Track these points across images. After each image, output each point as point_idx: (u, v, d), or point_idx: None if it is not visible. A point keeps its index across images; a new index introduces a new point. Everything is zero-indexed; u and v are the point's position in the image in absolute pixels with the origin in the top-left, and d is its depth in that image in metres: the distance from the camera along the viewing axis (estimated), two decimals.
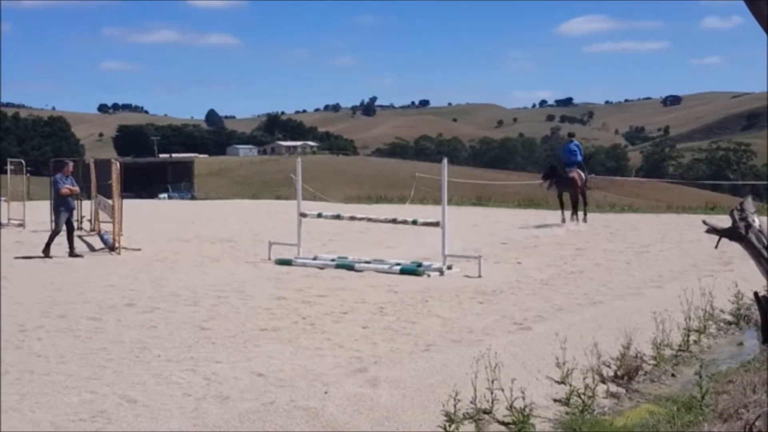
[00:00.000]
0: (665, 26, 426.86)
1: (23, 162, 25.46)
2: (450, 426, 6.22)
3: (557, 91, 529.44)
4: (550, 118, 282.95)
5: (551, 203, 27.13)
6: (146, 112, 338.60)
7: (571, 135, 22.39)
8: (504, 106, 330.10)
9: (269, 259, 14.83)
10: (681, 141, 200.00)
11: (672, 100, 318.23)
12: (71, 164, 17.25)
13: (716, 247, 5.07)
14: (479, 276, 12.66)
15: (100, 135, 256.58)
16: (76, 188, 16.99)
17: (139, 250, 16.42)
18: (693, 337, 9.72)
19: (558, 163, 21.86)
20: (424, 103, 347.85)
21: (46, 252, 15.46)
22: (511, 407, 6.72)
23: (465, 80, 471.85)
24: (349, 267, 13.65)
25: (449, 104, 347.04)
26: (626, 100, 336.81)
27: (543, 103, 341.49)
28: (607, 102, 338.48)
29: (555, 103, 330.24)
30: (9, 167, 24.99)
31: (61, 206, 16.14)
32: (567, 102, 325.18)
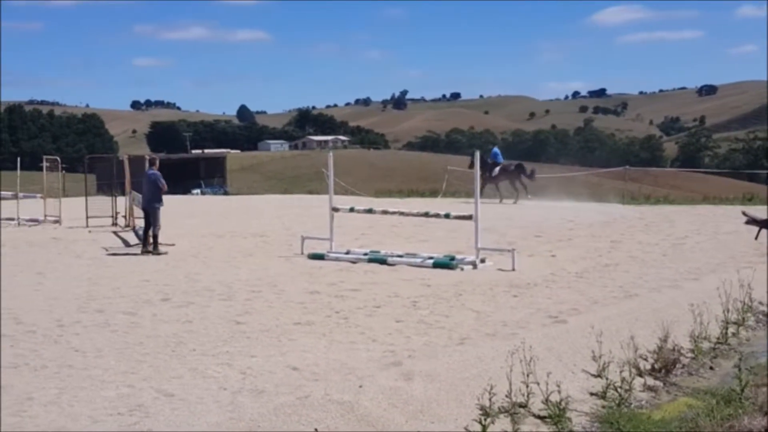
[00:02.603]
0: (700, 15, 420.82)
1: (59, 159, 25.80)
2: (485, 420, 6.20)
3: (590, 82, 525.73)
4: (583, 109, 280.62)
5: (586, 195, 26.89)
6: (178, 108, 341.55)
7: (493, 144, 29.21)
8: (536, 98, 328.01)
9: (302, 253, 14.90)
10: (717, 131, 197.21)
11: (707, 90, 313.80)
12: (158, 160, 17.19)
13: (756, 238, 5.01)
14: (513, 269, 12.61)
15: (134, 131, 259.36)
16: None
17: (173, 245, 16.58)
18: (731, 329, 9.60)
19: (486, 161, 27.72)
20: (456, 95, 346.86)
21: (155, 247, 15.56)
22: (546, 401, 6.69)
23: (497, 72, 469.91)
24: (382, 261, 13.67)
25: (481, 97, 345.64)
26: (661, 91, 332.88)
27: (576, 94, 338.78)
28: (641, 92, 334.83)
29: (588, 94, 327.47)
30: (45, 164, 25.29)
31: (159, 202, 16.07)
32: (600, 93, 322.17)
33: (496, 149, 30.85)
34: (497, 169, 28.70)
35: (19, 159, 27.93)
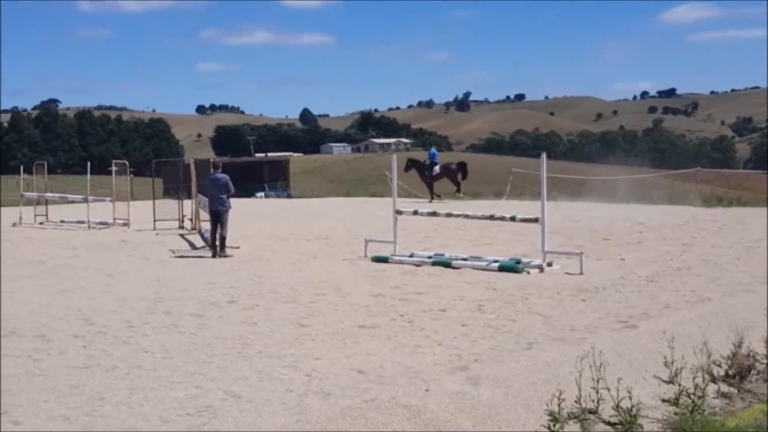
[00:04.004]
0: None
1: (127, 163, 26.35)
2: (554, 425, 6.13)
3: (659, 81, 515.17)
4: (652, 109, 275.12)
5: (656, 197, 26.39)
6: (242, 112, 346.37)
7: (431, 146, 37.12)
8: (603, 99, 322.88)
9: (365, 256, 14.97)
10: None
11: None
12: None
13: None
14: (581, 273, 12.45)
15: (199, 135, 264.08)
16: None
17: (239, 248, 16.82)
18: None
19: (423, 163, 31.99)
20: (520, 97, 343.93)
21: (221, 250, 15.82)
22: (617, 407, 6.58)
23: (562, 73, 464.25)
24: (447, 264, 13.64)
25: (546, 98, 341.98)
26: (732, 90, 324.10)
27: (644, 94, 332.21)
28: (712, 92, 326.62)
29: (657, 95, 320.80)
30: (113, 168, 25.84)
31: (226, 205, 16.26)
32: (670, 93, 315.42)
33: (433, 150, 34.41)
34: (437, 168, 31.49)
35: (89, 163, 28.54)
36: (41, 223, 24.64)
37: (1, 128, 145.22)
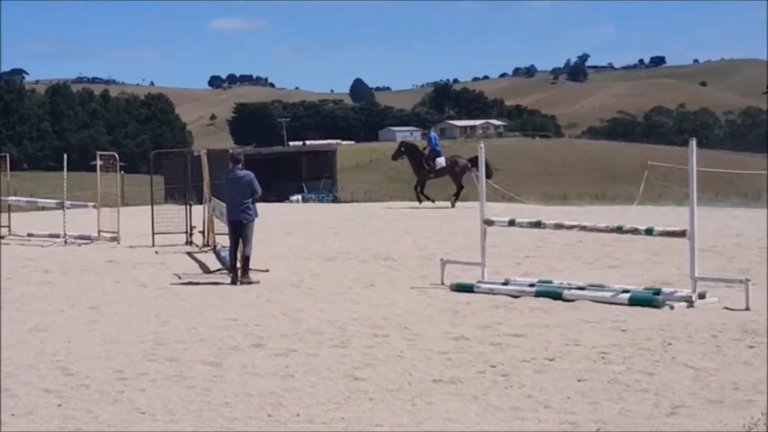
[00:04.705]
0: None
1: (116, 155, 26.37)
2: None
3: None
4: None
5: None
6: (271, 85, 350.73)
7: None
8: None
9: (442, 283, 14.95)
10: None
11: None
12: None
13: None
14: (746, 308, 12.27)
15: (212, 117, 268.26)
16: None
17: (267, 271, 16.96)
18: None
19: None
20: (658, 60, 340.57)
21: (244, 274, 16.02)
22: None
23: (717, 29, 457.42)
24: (556, 295, 13.54)
25: (695, 62, 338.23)
26: None
27: None
28: None
29: None
30: (98, 162, 25.53)
31: (251, 213, 16.45)
32: None
33: (434, 134, 34.65)
34: (441, 160, 32.10)
35: (65, 156, 29.13)
36: (2, 237, 25.17)
37: None
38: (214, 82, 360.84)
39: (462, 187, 32.24)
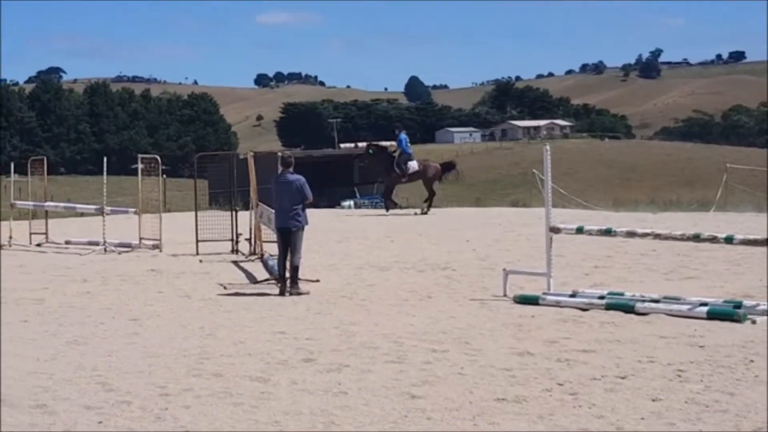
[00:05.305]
0: None
1: (158, 158, 26.54)
2: None
3: None
4: None
5: None
6: (321, 83, 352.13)
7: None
8: None
9: (505, 295, 14.92)
10: None
11: None
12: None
13: None
14: None
15: (259, 118, 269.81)
16: None
17: (318, 281, 17.02)
18: None
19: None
20: (737, 55, 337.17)
21: (293, 285, 16.16)
22: None
23: None
24: (628, 308, 13.46)
25: None
26: None
27: None
28: None
29: None
30: (139, 166, 25.70)
31: (301, 220, 16.53)
32: None
33: (403, 136, 34.32)
34: (413, 164, 32.75)
35: (104, 159, 29.38)
36: (39, 245, 25.54)
37: None
38: (261, 80, 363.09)
39: (434, 193, 33.10)
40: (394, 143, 35.54)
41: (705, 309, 13.01)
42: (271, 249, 18.65)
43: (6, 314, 14.60)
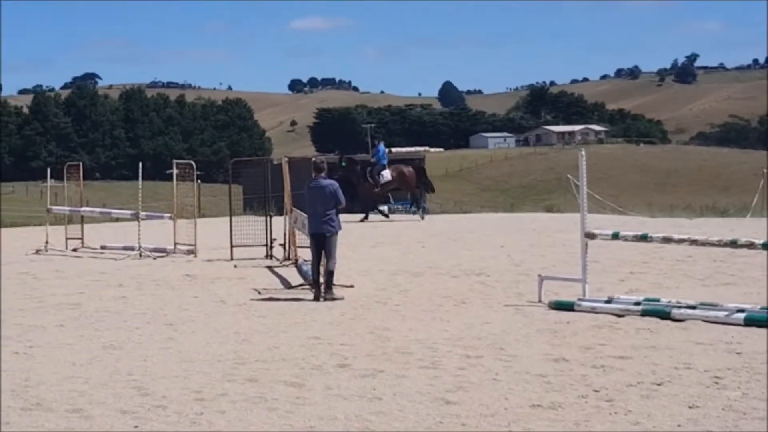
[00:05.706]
0: None
1: (193, 164, 26.57)
2: None
3: None
4: None
5: None
6: (355, 88, 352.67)
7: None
8: None
9: (540, 301, 14.89)
10: None
11: None
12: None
13: None
14: None
15: (293, 123, 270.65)
16: None
17: (352, 286, 17.04)
18: None
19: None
20: None
21: (327, 290, 16.14)
22: None
23: None
24: (664, 314, 13.39)
25: None
26: None
27: None
28: None
29: None
30: (174, 171, 25.84)
31: (335, 225, 16.55)
32: None
33: (381, 147, 35.64)
34: (386, 173, 33.17)
35: (140, 164, 29.49)
36: (75, 250, 25.75)
37: (19, 115, 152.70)
38: (295, 86, 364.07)
39: (420, 194, 33.94)
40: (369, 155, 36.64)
41: (742, 315, 12.92)
42: (306, 254, 18.69)
43: (41, 318, 14.74)
